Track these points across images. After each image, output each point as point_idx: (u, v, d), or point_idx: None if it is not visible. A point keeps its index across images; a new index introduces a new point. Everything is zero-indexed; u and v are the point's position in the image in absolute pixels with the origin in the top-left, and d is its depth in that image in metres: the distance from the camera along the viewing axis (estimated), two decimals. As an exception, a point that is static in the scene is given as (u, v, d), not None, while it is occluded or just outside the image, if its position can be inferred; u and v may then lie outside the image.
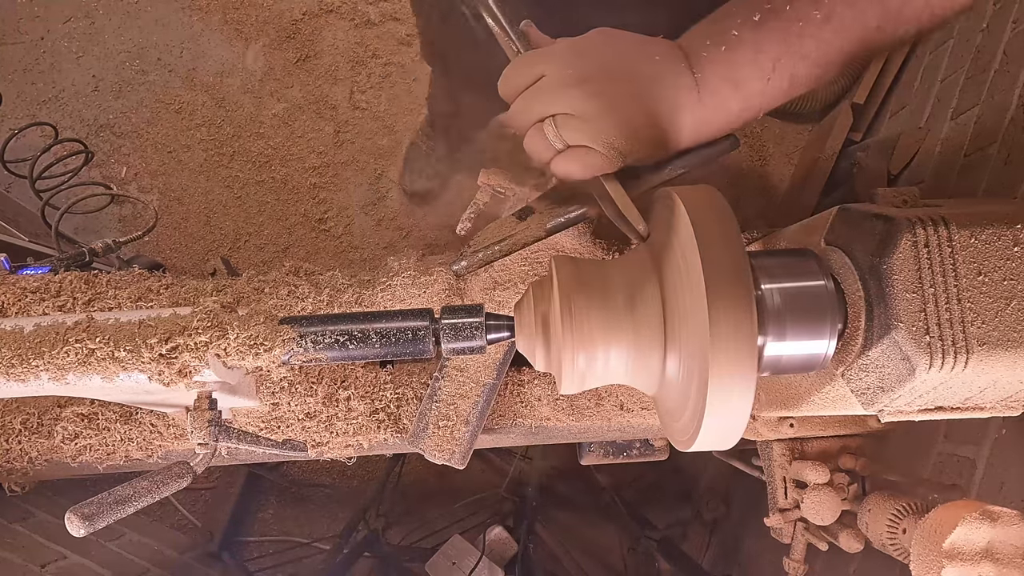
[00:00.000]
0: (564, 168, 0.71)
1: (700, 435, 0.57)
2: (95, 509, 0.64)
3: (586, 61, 0.69)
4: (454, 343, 0.65)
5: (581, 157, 0.69)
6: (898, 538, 0.82)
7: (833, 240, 0.64)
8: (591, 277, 0.63)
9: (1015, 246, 0.56)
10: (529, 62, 0.70)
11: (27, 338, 0.70)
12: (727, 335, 0.53)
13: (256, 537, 2.01)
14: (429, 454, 0.90)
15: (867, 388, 0.60)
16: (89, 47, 2.19)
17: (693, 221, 0.56)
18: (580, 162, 0.69)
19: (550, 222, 0.76)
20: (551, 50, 0.71)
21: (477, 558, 1.84)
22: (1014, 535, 0.66)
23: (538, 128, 0.70)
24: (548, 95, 0.69)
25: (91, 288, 0.92)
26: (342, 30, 2.22)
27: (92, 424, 0.94)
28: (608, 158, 0.69)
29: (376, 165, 2.17)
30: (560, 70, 0.68)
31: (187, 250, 2.11)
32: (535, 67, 0.70)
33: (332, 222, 2.14)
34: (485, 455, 2.08)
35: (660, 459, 1.11)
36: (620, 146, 0.69)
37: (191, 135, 2.15)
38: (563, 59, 0.69)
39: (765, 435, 0.95)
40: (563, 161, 0.70)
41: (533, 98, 0.70)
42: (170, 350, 0.68)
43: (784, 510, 0.97)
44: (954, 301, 0.56)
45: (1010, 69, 1.14)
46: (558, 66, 0.69)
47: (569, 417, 0.96)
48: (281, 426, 0.94)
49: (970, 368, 0.56)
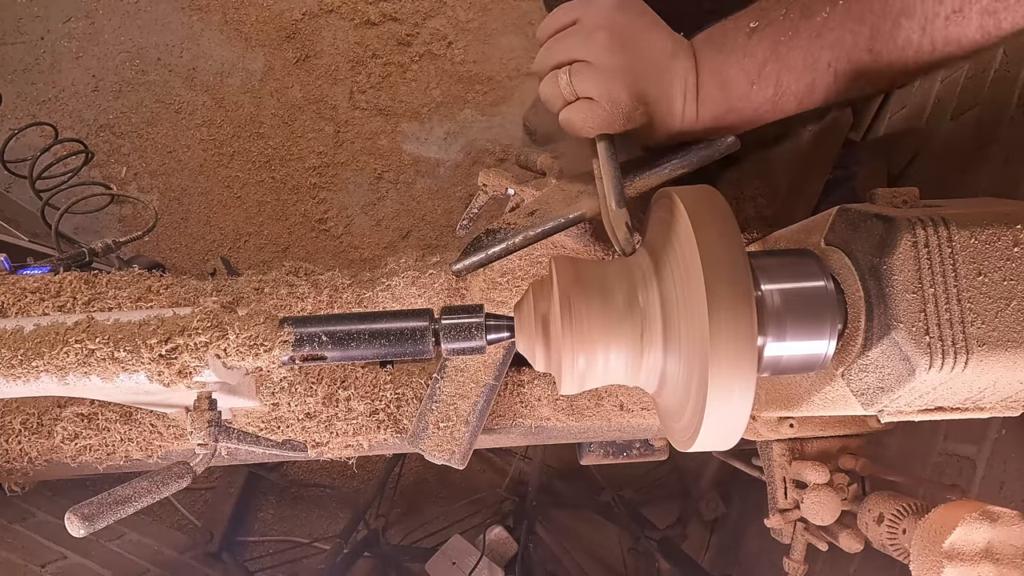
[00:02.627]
0: (566, 117, 0.73)
1: (700, 435, 0.57)
2: (95, 509, 0.64)
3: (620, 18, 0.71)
4: (454, 343, 0.65)
5: (584, 108, 0.71)
6: (898, 538, 0.82)
7: (833, 240, 0.64)
8: (591, 277, 0.63)
9: (1015, 246, 0.56)
10: (569, 8, 0.73)
11: (27, 338, 0.70)
12: (727, 335, 0.53)
13: (256, 537, 2.01)
14: (429, 454, 0.90)
15: (867, 388, 0.60)
16: (89, 47, 2.19)
17: (693, 222, 0.56)
18: (583, 113, 0.71)
19: (551, 221, 0.76)
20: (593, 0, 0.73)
21: (477, 558, 1.84)
22: (1014, 535, 0.65)
23: (554, 74, 0.72)
24: (574, 40, 0.71)
25: (91, 288, 0.92)
26: (342, 30, 2.22)
27: (92, 424, 0.94)
28: (610, 115, 0.70)
29: (376, 165, 2.17)
30: (593, 19, 0.71)
31: (187, 250, 2.11)
32: (571, 13, 0.73)
33: (332, 222, 2.14)
34: (485, 455, 2.08)
35: (660, 459, 1.11)
36: (624, 106, 0.70)
37: (191, 135, 2.15)
38: (600, 11, 0.71)
39: (765, 435, 0.95)
40: (568, 110, 0.72)
41: (558, 42, 0.73)
42: (170, 350, 0.68)
43: (784, 510, 0.97)
44: (954, 301, 0.56)
45: (1010, 69, 1.14)
46: (592, 16, 0.71)
47: (569, 417, 0.96)
48: (281, 426, 0.94)
49: (970, 368, 0.56)
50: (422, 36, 2.23)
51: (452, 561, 1.86)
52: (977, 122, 1.19)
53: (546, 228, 0.74)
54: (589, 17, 0.72)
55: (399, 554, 1.92)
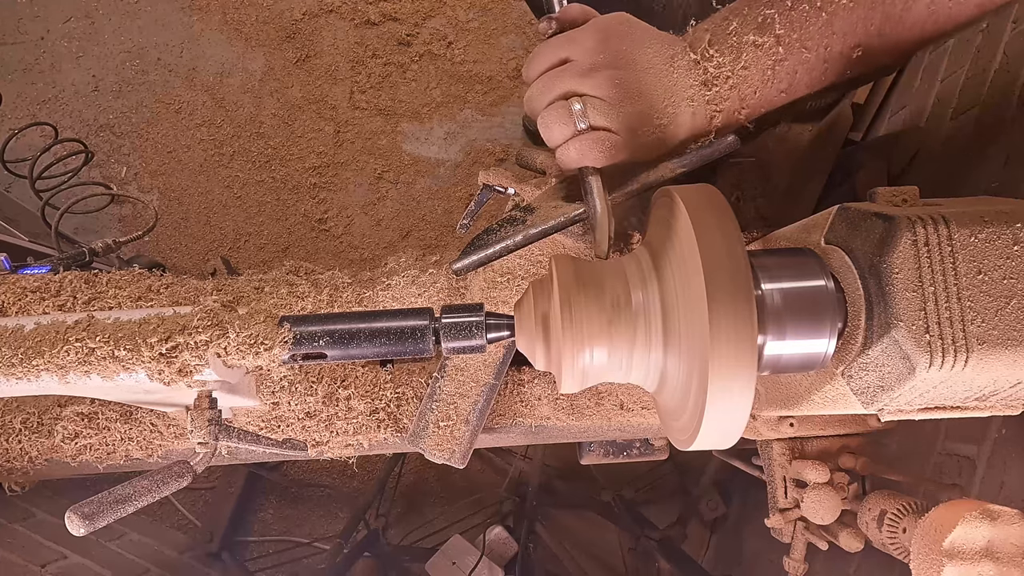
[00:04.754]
0: (580, 150, 0.70)
1: (700, 434, 0.57)
2: (95, 509, 0.64)
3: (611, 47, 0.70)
4: (454, 342, 0.65)
5: (603, 139, 0.69)
6: (898, 537, 0.82)
7: (833, 239, 0.64)
8: (591, 276, 0.63)
9: (1015, 245, 0.56)
10: (556, 45, 0.71)
11: (27, 337, 0.70)
12: (727, 335, 0.53)
13: (256, 537, 2.01)
14: (429, 453, 0.90)
15: (867, 387, 0.60)
16: (89, 47, 2.19)
17: (693, 221, 0.56)
18: (601, 144, 0.69)
19: (551, 220, 0.75)
20: (576, 35, 0.71)
21: (477, 558, 1.84)
22: (1014, 534, 0.65)
23: (559, 106, 0.70)
24: (574, 77, 0.69)
25: (91, 287, 0.92)
26: (342, 30, 2.22)
27: (92, 423, 0.94)
28: (625, 144, 0.69)
29: (376, 165, 2.17)
30: (588, 55, 0.69)
31: (187, 250, 2.11)
32: (560, 51, 0.70)
33: (332, 222, 2.14)
34: (485, 455, 2.08)
35: (660, 459, 1.11)
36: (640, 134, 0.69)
37: (191, 135, 2.15)
38: (590, 45, 0.70)
39: (765, 434, 0.95)
40: (581, 142, 0.69)
41: (556, 78, 0.70)
42: (170, 349, 0.68)
43: (784, 509, 0.97)
44: (954, 300, 0.56)
45: (1010, 69, 1.14)
46: (584, 51, 0.69)
47: (569, 416, 0.96)
48: (281, 425, 0.94)
49: (970, 367, 0.56)
50: (422, 36, 2.23)
51: (452, 561, 1.86)
52: (977, 122, 1.19)
53: (546, 227, 0.74)
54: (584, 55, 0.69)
55: (399, 554, 1.92)
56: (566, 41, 0.71)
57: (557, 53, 0.70)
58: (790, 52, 0.69)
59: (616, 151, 0.70)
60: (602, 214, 0.70)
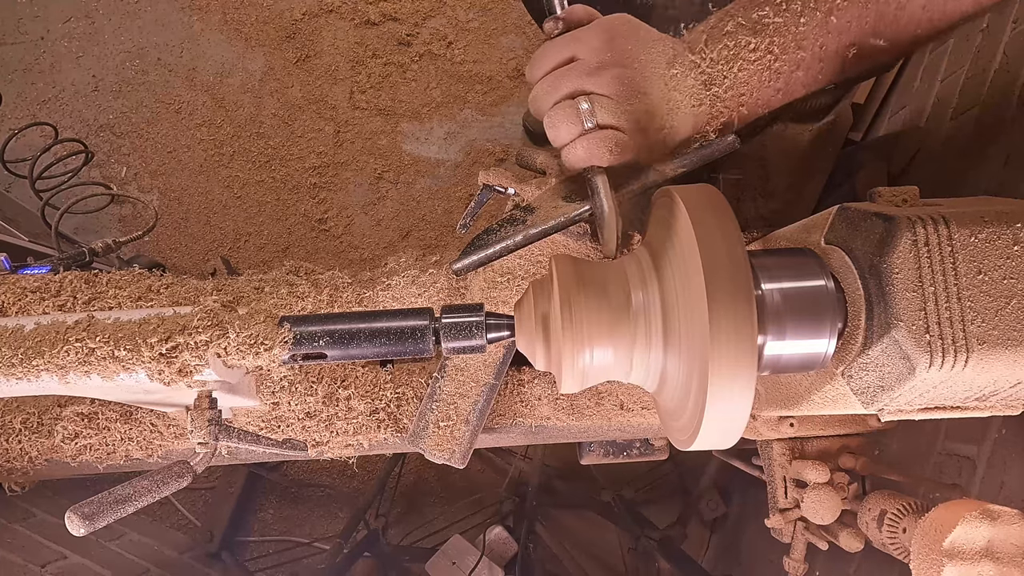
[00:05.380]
0: (587, 148, 0.69)
1: (700, 434, 0.57)
2: (95, 509, 0.64)
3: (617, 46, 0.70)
4: (454, 342, 0.65)
5: (611, 137, 0.69)
6: (898, 537, 0.82)
7: (833, 239, 0.64)
8: (591, 276, 0.63)
9: (1015, 245, 0.56)
10: (561, 44, 0.71)
11: (27, 337, 0.70)
12: (727, 335, 0.53)
13: (256, 537, 2.01)
14: (429, 453, 0.90)
15: (867, 387, 0.60)
16: (89, 47, 2.19)
17: (693, 221, 0.56)
18: (609, 142, 0.69)
19: (552, 220, 0.75)
20: (582, 34, 0.71)
21: (477, 558, 1.84)
22: (1014, 534, 0.66)
23: (566, 105, 0.69)
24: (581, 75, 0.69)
25: (91, 287, 0.92)
26: (342, 30, 2.22)
27: (92, 424, 0.94)
28: (633, 143, 0.69)
29: (376, 165, 2.17)
30: (594, 54, 0.69)
31: (187, 250, 2.11)
32: (566, 50, 0.70)
33: (332, 222, 2.14)
34: (485, 455, 2.08)
35: (660, 459, 1.11)
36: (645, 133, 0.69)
37: (191, 135, 2.15)
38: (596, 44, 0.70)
39: (765, 434, 0.95)
40: (589, 141, 0.69)
41: (563, 77, 0.70)
42: (170, 349, 0.68)
43: (784, 510, 0.97)
44: (954, 300, 0.56)
45: (1010, 69, 1.14)
46: (591, 50, 0.69)
47: (569, 417, 0.96)
48: (281, 425, 0.94)
49: (970, 367, 0.56)
50: (422, 36, 2.23)
51: (452, 561, 1.86)
52: (977, 122, 1.19)
53: (546, 227, 0.74)
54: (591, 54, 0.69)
55: (399, 554, 1.92)
56: (572, 40, 0.71)
57: (563, 52, 0.70)
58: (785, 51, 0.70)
59: (623, 150, 0.69)
60: (610, 214, 0.69)
